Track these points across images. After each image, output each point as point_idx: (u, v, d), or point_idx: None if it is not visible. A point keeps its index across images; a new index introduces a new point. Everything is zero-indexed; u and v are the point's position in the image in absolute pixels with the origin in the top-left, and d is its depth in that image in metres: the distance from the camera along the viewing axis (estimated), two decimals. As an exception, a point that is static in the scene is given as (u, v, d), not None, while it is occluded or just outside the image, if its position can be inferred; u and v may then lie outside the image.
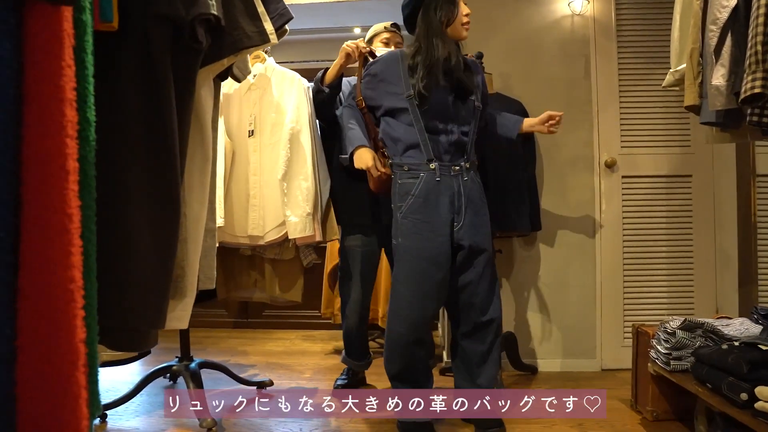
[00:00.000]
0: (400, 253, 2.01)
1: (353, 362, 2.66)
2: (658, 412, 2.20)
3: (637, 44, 2.97)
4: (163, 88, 1.05)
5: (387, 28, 2.62)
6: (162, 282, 1.06)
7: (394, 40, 2.61)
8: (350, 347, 2.65)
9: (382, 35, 2.62)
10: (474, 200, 2.06)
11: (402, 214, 2.00)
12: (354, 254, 2.51)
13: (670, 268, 2.98)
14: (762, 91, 1.48)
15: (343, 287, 2.58)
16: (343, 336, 2.65)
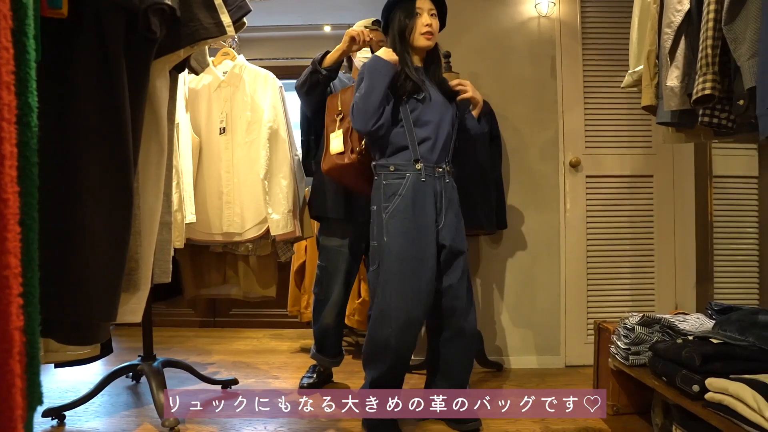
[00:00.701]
0: (385, 254, 2.00)
1: (326, 359, 2.65)
2: (618, 406, 2.25)
3: (602, 46, 3.03)
4: (116, 77, 1.04)
5: (368, 26, 2.59)
6: (114, 274, 1.04)
7: (377, 38, 2.56)
8: (324, 345, 2.63)
9: None
10: (453, 202, 2.12)
11: (388, 214, 2.01)
12: (337, 253, 2.50)
13: (632, 266, 3.05)
14: (712, 93, 1.52)
15: (322, 286, 2.56)
16: (319, 334, 2.63)
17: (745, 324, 1.74)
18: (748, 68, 1.39)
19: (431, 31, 2.09)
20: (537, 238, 3.01)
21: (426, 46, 2.11)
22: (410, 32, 2.08)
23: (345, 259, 2.51)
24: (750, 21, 1.38)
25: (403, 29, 2.09)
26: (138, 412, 2.29)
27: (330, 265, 2.51)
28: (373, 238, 2.06)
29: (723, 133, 1.81)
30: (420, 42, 2.09)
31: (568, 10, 3.03)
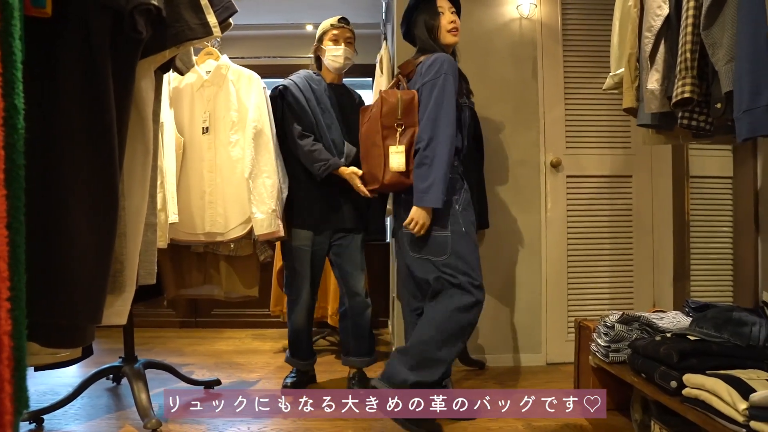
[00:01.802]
0: (463, 242, 2.05)
1: (300, 362, 2.65)
2: (598, 402, 2.28)
3: (582, 47, 3.08)
4: (102, 78, 1.02)
5: (334, 24, 2.58)
6: (99, 276, 1.03)
7: (344, 36, 2.57)
8: (298, 348, 2.64)
9: (330, 32, 2.57)
10: None
11: (461, 206, 2.10)
12: (303, 254, 2.51)
13: (611, 265, 3.10)
14: (691, 96, 1.56)
15: (292, 287, 2.57)
16: (292, 336, 2.63)
17: (720, 321, 1.78)
18: (725, 73, 1.43)
19: (456, 27, 2.16)
20: (518, 238, 3.04)
21: (454, 42, 2.17)
22: (438, 31, 2.13)
23: (311, 260, 2.53)
24: (727, 27, 1.42)
25: (431, 29, 2.14)
26: (119, 414, 2.27)
27: (299, 265, 2.52)
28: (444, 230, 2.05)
29: (701, 135, 1.86)
30: (448, 39, 2.15)
31: (549, 12, 3.06)
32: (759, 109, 1.27)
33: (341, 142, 2.51)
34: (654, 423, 1.83)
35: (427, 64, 2.05)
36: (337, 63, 2.55)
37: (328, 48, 2.55)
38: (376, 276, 3.86)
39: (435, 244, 2.05)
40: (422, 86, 2.04)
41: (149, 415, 2.08)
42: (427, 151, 1.98)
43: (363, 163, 2.25)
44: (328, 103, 2.55)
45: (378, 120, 2.06)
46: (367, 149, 2.16)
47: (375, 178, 2.11)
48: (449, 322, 2.01)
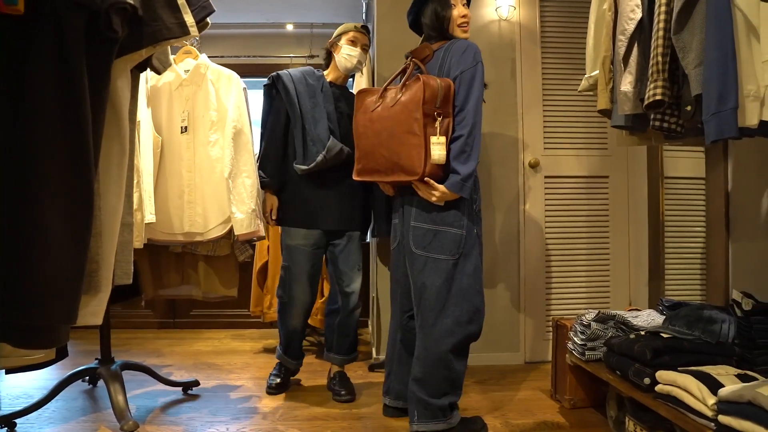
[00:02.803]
0: (475, 245, 2.01)
1: (292, 362, 2.64)
2: (575, 400, 2.32)
3: (560, 49, 3.12)
4: (76, 77, 1.02)
5: (357, 27, 2.60)
6: (74, 276, 1.02)
7: (362, 41, 2.59)
8: (291, 347, 2.63)
9: (351, 33, 2.58)
10: None
11: (477, 206, 2.06)
12: (302, 253, 2.49)
13: (588, 264, 3.15)
14: (662, 99, 1.60)
15: (285, 288, 2.54)
16: (286, 336, 2.61)
17: (692, 319, 1.82)
18: (695, 76, 1.46)
19: (467, 21, 2.10)
20: (497, 238, 3.07)
21: (464, 38, 2.08)
22: (449, 23, 2.07)
23: (309, 259, 2.50)
24: (696, 31, 1.45)
25: (442, 20, 2.06)
26: (95, 417, 2.24)
27: (294, 265, 2.50)
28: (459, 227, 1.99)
29: (673, 137, 1.90)
30: (458, 33, 2.08)
31: (527, 15, 3.10)
32: (726, 112, 1.31)
33: (327, 137, 2.46)
34: (629, 419, 1.87)
35: (460, 51, 1.98)
36: (350, 63, 2.56)
37: (345, 47, 2.56)
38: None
39: (447, 242, 1.97)
40: (461, 74, 1.94)
41: (126, 417, 2.06)
42: (470, 140, 1.91)
43: (382, 150, 2.01)
44: (321, 99, 2.52)
45: (419, 106, 1.88)
46: (396, 137, 1.96)
47: (410, 169, 1.92)
48: (453, 338, 1.96)
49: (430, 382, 1.97)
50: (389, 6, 3.01)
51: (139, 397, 2.46)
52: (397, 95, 1.99)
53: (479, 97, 1.94)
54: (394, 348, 2.24)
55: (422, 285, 2.00)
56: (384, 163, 2.02)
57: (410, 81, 1.98)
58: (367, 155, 2.09)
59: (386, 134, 1.99)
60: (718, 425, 1.36)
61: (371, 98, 2.12)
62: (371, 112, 2.07)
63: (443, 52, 2.04)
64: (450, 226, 1.97)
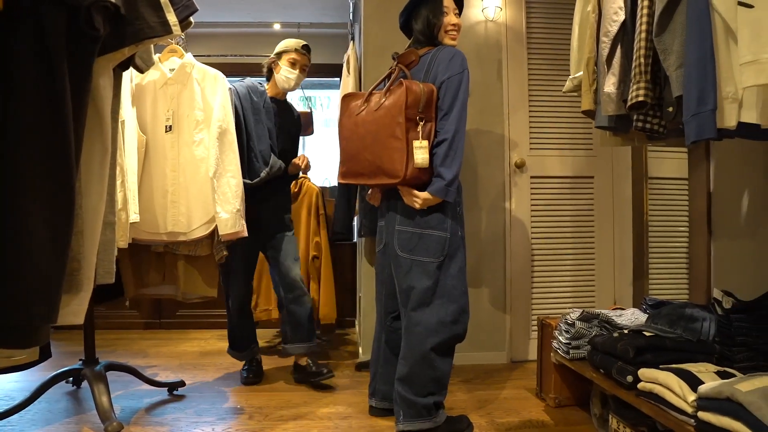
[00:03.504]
0: (459, 247, 2.05)
1: (237, 354, 2.80)
2: (560, 398, 2.34)
3: (546, 50, 3.14)
4: (57, 74, 1.01)
5: (298, 49, 2.73)
6: (55, 275, 1.01)
7: (302, 62, 2.73)
8: (234, 340, 2.81)
9: (292, 54, 2.72)
10: None
11: (461, 209, 2.11)
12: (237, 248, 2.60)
13: (574, 264, 3.17)
14: (644, 100, 1.61)
15: (227, 282, 2.73)
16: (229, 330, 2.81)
17: (674, 317, 1.85)
18: (676, 78, 1.48)
19: (457, 30, 2.13)
20: (483, 237, 3.09)
21: (451, 45, 2.11)
22: (438, 30, 2.10)
23: (243, 254, 2.65)
24: (677, 34, 1.47)
25: (432, 27, 2.09)
26: (79, 418, 2.22)
27: (231, 259, 2.59)
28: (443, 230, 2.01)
29: (655, 138, 1.92)
30: (446, 40, 2.11)
31: (513, 15, 3.12)
32: (705, 113, 1.33)
33: (269, 153, 2.64)
34: (612, 417, 1.89)
35: (448, 58, 2.00)
36: (288, 84, 2.72)
37: (285, 68, 2.70)
38: (342, 275, 3.87)
39: (432, 244, 2.00)
40: (448, 79, 1.96)
41: (110, 417, 2.04)
42: (453, 144, 1.94)
43: (366, 153, 2.02)
44: (264, 115, 2.66)
45: (402, 110, 1.91)
46: (380, 141, 1.97)
47: (392, 172, 1.94)
48: (437, 337, 1.98)
49: (415, 382, 1.98)
50: (376, 6, 3.01)
51: (124, 398, 2.44)
52: (381, 99, 2.00)
53: (464, 102, 1.98)
54: (379, 349, 2.25)
55: (408, 287, 2.02)
56: (368, 166, 2.03)
57: (394, 86, 1.99)
58: (351, 158, 2.10)
59: (370, 138, 2.01)
60: (698, 421, 1.38)
61: (356, 102, 2.13)
62: (356, 116, 2.09)
63: (430, 58, 2.06)
64: (434, 229, 2.00)
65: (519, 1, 3.12)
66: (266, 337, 3.74)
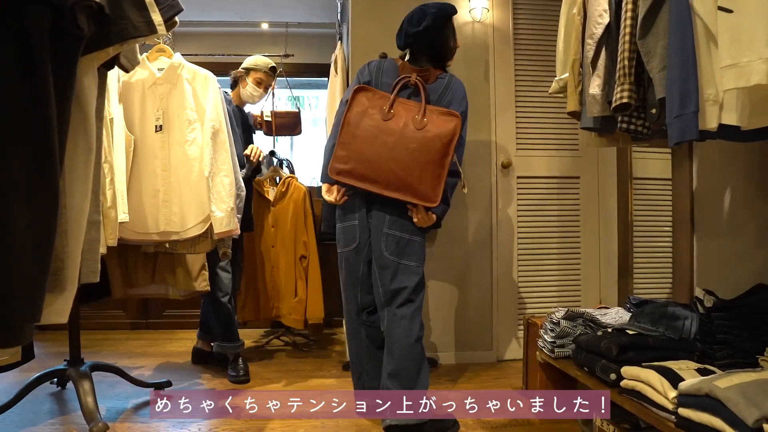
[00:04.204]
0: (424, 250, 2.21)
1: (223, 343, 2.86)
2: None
3: (532, 51, 3.16)
4: (41, 73, 1.00)
5: (266, 71, 2.95)
6: (38, 274, 1.01)
7: (267, 83, 2.96)
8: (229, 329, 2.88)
9: (259, 74, 2.96)
10: None
11: None
12: None
13: (560, 263, 3.20)
14: (628, 101, 1.64)
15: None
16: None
17: (656, 316, 1.87)
18: (659, 80, 1.51)
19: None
20: (470, 237, 3.10)
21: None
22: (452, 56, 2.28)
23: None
24: (660, 37, 1.50)
25: (451, 52, 2.27)
26: (63, 419, 2.20)
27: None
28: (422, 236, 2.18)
29: (639, 139, 1.95)
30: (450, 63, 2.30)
31: (501, 17, 3.14)
32: (687, 115, 1.35)
33: (241, 157, 2.84)
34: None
35: (461, 94, 2.18)
36: (252, 101, 3.04)
37: (251, 86, 2.96)
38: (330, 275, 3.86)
39: (416, 249, 2.14)
40: (462, 113, 2.12)
41: (95, 418, 2.03)
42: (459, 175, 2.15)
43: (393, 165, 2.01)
44: (234, 123, 2.81)
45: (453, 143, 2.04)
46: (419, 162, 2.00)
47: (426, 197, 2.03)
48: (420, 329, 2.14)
49: (403, 375, 2.06)
50: (364, 6, 3.02)
51: (110, 399, 2.43)
52: (423, 119, 2.05)
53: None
54: (360, 347, 2.29)
55: (398, 288, 2.11)
56: (390, 177, 2.01)
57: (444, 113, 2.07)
58: (365, 162, 2.04)
59: (405, 154, 2.00)
60: (679, 418, 1.40)
61: (377, 102, 2.09)
62: (382, 121, 2.05)
63: (445, 84, 2.17)
64: (417, 235, 2.15)
65: (506, 3, 3.14)
66: (254, 337, 3.74)
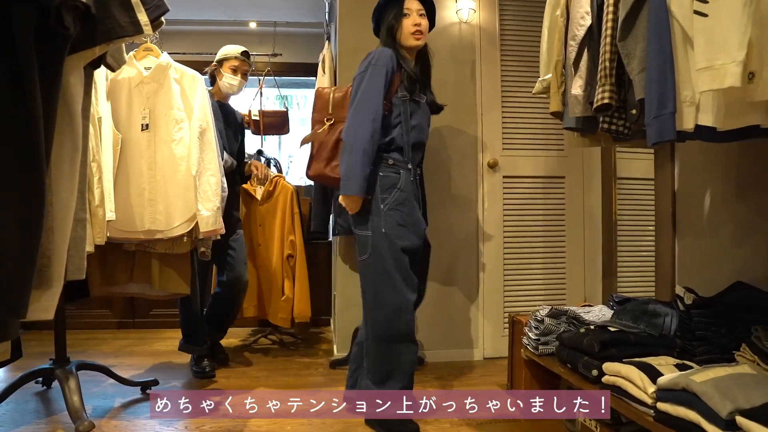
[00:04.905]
0: (383, 245, 2.04)
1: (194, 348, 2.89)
2: (529, 393, 2.39)
3: (518, 52, 3.19)
4: (27, 72, 1.01)
5: (238, 57, 2.90)
6: (24, 270, 1.01)
7: (243, 69, 2.92)
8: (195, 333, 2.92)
9: (232, 62, 2.91)
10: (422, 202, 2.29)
11: (388, 206, 2.07)
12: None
13: (545, 262, 3.24)
14: (609, 102, 1.66)
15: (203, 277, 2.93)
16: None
17: (637, 313, 1.91)
18: (639, 81, 1.53)
19: (420, 30, 2.17)
20: (456, 236, 3.13)
21: (416, 45, 2.18)
22: (399, 32, 2.17)
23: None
24: (639, 39, 1.53)
25: (391, 29, 2.18)
26: (49, 419, 2.19)
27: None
28: (366, 228, 2.08)
29: (620, 139, 1.98)
30: (410, 41, 2.17)
31: (487, 17, 3.17)
32: (665, 116, 1.38)
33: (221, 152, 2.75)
34: (578, 410, 1.94)
35: (364, 60, 2.13)
36: (232, 90, 2.93)
37: (227, 75, 2.90)
38: (317, 274, 3.88)
39: (359, 244, 2.11)
40: (353, 79, 2.12)
41: (82, 417, 2.03)
42: (346, 139, 2.05)
43: None
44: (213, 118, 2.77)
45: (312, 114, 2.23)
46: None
47: None
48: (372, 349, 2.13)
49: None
50: (351, 6, 3.03)
51: (96, 398, 2.42)
52: None
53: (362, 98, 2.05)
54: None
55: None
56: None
57: None
58: None
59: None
60: (657, 412, 1.43)
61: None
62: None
63: None
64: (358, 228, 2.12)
65: (492, 4, 3.17)
66: (241, 335, 3.74)
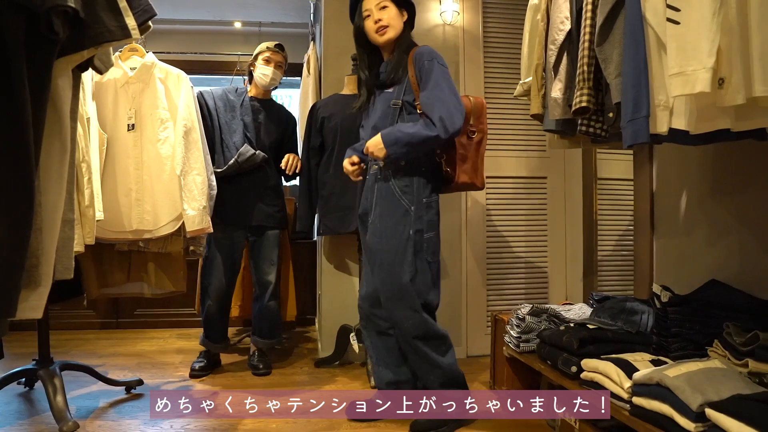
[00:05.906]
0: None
1: (211, 344, 2.89)
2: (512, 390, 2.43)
3: (501, 54, 3.24)
4: (16, 76, 1.02)
5: (270, 47, 2.88)
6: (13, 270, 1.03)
7: (275, 59, 2.89)
8: (210, 330, 2.88)
9: (265, 53, 2.89)
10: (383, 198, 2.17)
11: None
12: (218, 244, 2.79)
13: (527, 261, 3.29)
14: (587, 105, 1.71)
15: (205, 274, 2.85)
16: (204, 321, 2.88)
17: (615, 311, 1.96)
18: (615, 85, 1.58)
19: (383, 26, 2.14)
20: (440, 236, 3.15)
21: (384, 41, 2.17)
22: (365, 33, 2.21)
23: (223, 251, 2.80)
24: (616, 44, 1.57)
25: (357, 31, 2.24)
26: (33, 420, 2.18)
27: (211, 254, 2.81)
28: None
29: (598, 141, 2.03)
30: (377, 39, 2.18)
31: (471, 20, 3.21)
32: (639, 119, 1.43)
33: (241, 144, 2.80)
34: (558, 406, 1.98)
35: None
36: (263, 81, 2.87)
37: (260, 66, 2.87)
38: (302, 274, 3.90)
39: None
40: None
41: (66, 417, 2.02)
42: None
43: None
44: (239, 112, 2.84)
45: None
46: None
47: None
48: None
49: None
50: (336, 7, 3.05)
51: (80, 398, 2.42)
52: None
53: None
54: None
55: None
56: None
57: None
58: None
59: None
60: (633, 406, 1.48)
61: None
62: None
63: None
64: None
65: (476, 6, 3.21)
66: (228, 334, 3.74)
